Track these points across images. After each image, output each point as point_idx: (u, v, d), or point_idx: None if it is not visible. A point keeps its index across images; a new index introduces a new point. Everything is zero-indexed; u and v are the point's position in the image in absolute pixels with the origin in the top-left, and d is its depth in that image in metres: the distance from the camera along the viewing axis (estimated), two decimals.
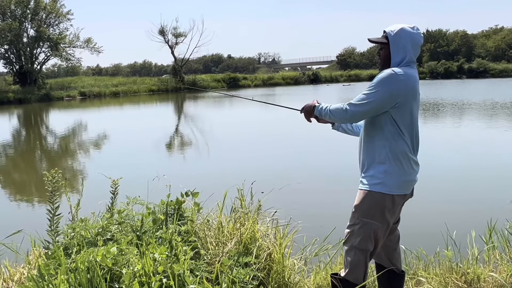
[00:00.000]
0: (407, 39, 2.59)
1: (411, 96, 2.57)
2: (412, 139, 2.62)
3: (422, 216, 5.89)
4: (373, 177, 2.60)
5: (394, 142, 2.56)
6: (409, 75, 2.55)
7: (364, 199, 2.62)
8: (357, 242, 2.64)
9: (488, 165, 9.51)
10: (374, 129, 2.63)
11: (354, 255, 2.65)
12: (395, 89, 2.50)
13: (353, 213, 2.70)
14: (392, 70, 2.53)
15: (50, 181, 2.96)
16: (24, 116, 29.72)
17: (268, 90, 47.80)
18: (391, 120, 2.56)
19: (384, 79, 2.52)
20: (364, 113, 2.59)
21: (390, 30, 2.63)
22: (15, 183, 10.26)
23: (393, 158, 2.56)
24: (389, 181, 2.56)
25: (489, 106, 22.46)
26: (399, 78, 2.50)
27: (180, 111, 30.07)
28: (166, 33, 54.00)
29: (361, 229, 2.63)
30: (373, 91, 2.54)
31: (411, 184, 2.67)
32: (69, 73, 61.72)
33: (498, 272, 3.39)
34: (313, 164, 10.27)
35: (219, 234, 3.18)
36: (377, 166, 2.59)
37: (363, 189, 2.65)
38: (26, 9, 43.68)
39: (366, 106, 2.55)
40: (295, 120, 17.68)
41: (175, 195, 3.26)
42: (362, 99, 2.56)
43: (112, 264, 2.37)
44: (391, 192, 2.57)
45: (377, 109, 2.55)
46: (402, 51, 2.58)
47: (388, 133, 2.57)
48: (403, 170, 2.57)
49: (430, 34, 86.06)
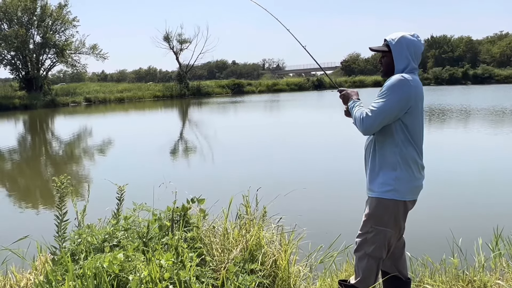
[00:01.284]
0: (409, 47, 2.61)
1: (420, 101, 2.61)
2: (419, 144, 2.64)
3: (428, 223, 5.86)
4: (384, 184, 2.59)
5: (405, 149, 2.57)
6: (417, 81, 2.59)
7: (377, 207, 2.62)
8: (370, 250, 2.64)
9: (494, 171, 9.46)
10: (384, 136, 2.62)
11: (367, 263, 2.65)
12: (407, 94, 2.52)
13: (365, 221, 2.68)
14: (401, 76, 2.55)
15: (59, 186, 2.98)
16: (30, 122, 29.91)
17: (273, 96, 47.87)
18: (402, 127, 2.57)
19: (395, 85, 2.53)
20: (379, 125, 2.56)
21: (391, 39, 2.65)
22: (21, 189, 10.31)
23: (404, 164, 2.57)
24: (401, 188, 2.57)
25: (495, 112, 22.38)
26: (409, 83, 2.53)
27: (185, 117, 30.16)
28: (171, 40, 54.33)
29: (375, 237, 2.63)
30: (386, 99, 2.53)
31: (420, 189, 2.69)
32: (75, 79, 62.10)
33: (505, 280, 3.37)
34: (319, 169, 10.25)
35: (224, 241, 3.19)
36: (388, 173, 2.59)
37: (374, 196, 2.64)
38: (33, 16, 44.03)
39: (381, 116, 2.53)
40: (300, 125, 17.72)
41: (181, 201, 3.27)
42: (376, 109, 2.54)
43: (118, 270, 2.39)
44: (404, 198, 2.58)
45: (392, 117, 2.54)
46: (404, 59, 2.60)
47: (399, 140, 2.58)
48: (413, 175, 2.59)
49: (434, 40, 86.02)
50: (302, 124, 21.05)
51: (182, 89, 51.44)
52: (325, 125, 19.85)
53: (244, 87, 57.08)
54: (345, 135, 10.00)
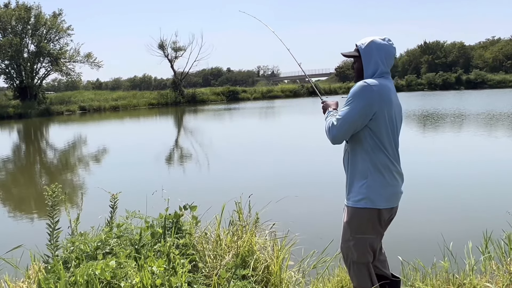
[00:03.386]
0: (379, 51, 2.58)
1: (387, 106, 2.53)
2: (393, 150, 2.59)
3: (419, 226, 5.91)
4: (357, 193, 2.58)
5: (374, 155, 2.53)
6: (383, 85, 2.54)
7: (353, 216, 2.62)
8: (355, 257, 2.67)
9: (484, 174, 9.55)
10: (354, 143, 2.61)
11: (357, 269, 2.70)
12: (369, 100, 2.47)
13: (344, 229, 2.71)
14: (364, 81, 2.52)
15: (50, 195, 3.00)
16: (24, 131, 29.80)
17: (268, 103, 47.98)
18: (370, 133, 2.53)
19: (357, 92, 2.51)
20: (344, 133, 2.54)
21: (360, 43, 2.63)
22: (14, 198, 10.27)
23: (375, 171, 2.53)
24: (373, 195, 2.53)
25: (486, 116, 22.56)
26: (372, 88, 2.48)
27: (179, 124, 30.17)
28: (166, 47, 54.43)
29: (356, 245, 2.65)
30: (350, 107, 2.50)
31: (396, 197, 2.65)
32: (69, 87, 61.97)
33: (495, 283, 3.40)
34: (312, 174, 10.29)
35: (217, 247, 3.21)
36: (360, 181, 2.57)
37: (349, 205, 2.64)
38: (27, 25, 44.04)
39: (344, 125, 2.51)
40: (294, 131, 17.77)
41: (173, 209, 3.29)
42: (341, 118, 2.52)
43: (111, 277, 2.41)
44: (377, 206, 2.55)
45: (357, 125, 2.51)
46: (373, 63, 2.57)
47: (368, 147, 2.54)
48: (386, 182, 2.55)
49: (427, 45, 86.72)
50: (296, 130, 21.13)
51: (177, 97, 51.47)
52: (319, 131, 19.89)
53: (239, 94, 57.18)
54: None
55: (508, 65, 74.19)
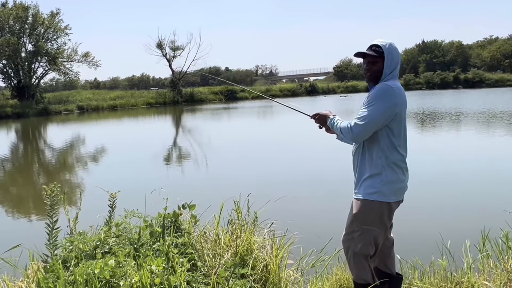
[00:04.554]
0: (398, 54, 2.77)
1: (404, 107, 2.73)
2: (404, 149, 2.77)
3: (418, 225, 5.94)
4: (370, 187, 2.72)
5: (389, 153, 2.70)
6: (399, 88, 2.72)
7: (363, 208, 2.74)
8: (358, 248, 2.76)
9: (482, 173, 9.57)
10: (371, 141, 2.74)
11: (358, 261, 2.78)
12: (393, 102, 2.65)
13: (351, 221, 2.81)
14: (386, 84, 2.67)
15: (49, 195, 3.00)
16: (22, 131, 29.74)
17: (266, 102, 47.97)
18: (387, 133, 2.69)
19: (382, 94, 2.65)
20: (368, 132, 2.67)
21: (382, 44, 2.71)
22: (13, 197, 10.26)
23: (388, 168, 2.70)
24: (386, 190, 2.69)
25: (483, 114, 22.61)
26: (394, 91, 2.65)
27: (178, 124, 30.16)
28: (164, 47, 54.39)
29: (361, 236, 2.75)
30: (374, 107, 2.63)
31: (404, 191, 2.82)
32: (67, 87, 61.84)
33: (492, 281, 3.42)
34: (310, 173, 10.30)
35: (215, 246, 3.21)
36: (374, 177, 2.72)
37: (360, 198, 2.76)
38: (25, 24, 43.94)
39: (370, 124, 2.64)
40: (291, 131, 17.78)
41: (172, 208, 3.30)
42: (364, 118, 2.64)
43: (110, 276, 2.41)
44: (389, 200, 2.71)
45: (380, 124, 2.66)
46: (394, 65, 2.73)
47: (384, 145, 2.70)
48: (397, 178, 2.72)
49: (426, 45, 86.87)
50: (294, 129, 21.14)
51: (175, 96, 51.43)
52: (317, 130, 19.90)
53: (237, 93, 57.15)
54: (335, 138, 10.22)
55: (506, 64, 74.35)
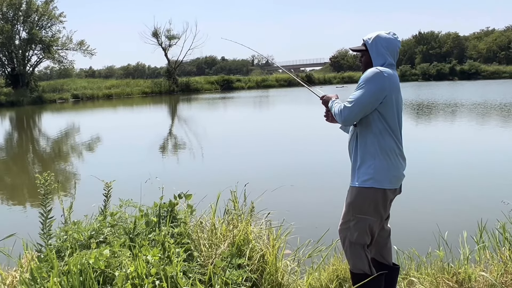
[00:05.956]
0: (384, 45, 2.76)
1: (395, 92, 2.71)
2: (397, 134, 2.75)
3: (415, 216, 5.94)
4: (364, 174, 2.70)
5: (382, 138, 2.68)
6: (391, 73, 2.71)
7: (357, 196, 2.72)
8: (354, 237, 2.75)
9: (479, 164, 9.60)
10: (363, 127, 2.74)
11: (354, 250, 2.77)
12: (381, 84, 2.64)
13: (346, 210, 2.79)
14: (376, 68, 2.69)
15: (43, 184, 2.95)
16: (17, 119, 29.52)
17: (262, 92, 47.86)
18: (379, 117, 2.68)
19: (370, 77, 2.67)
20: (356, 114, 2.67)
21: (367, 38, 2.81)
22: (7, 186, 10.18)
23: (382, 153, 2.67)
24: (379, 176, 2.66)
25: (479, 106, 22.65)
26: (383, 74, 2.66)
27: (173, 113, 30.02)
28: (160, 36, 53.90)
29: (357, 225, 2.74)
30: (363, 90, 2.66)
31: (400, 178, 2.78)
32: (62, 75, 61.31)
33: (489, 272, 3.42)
34: (307, 163, 10.29)
35: (212, 236, 3.18)
36: (367, 162, 2.70)
37: (354, 186, 2.75)
38: (18, 11, 43.38)
39: (357, 106, 2.65)
40: (288, 120, 17.80)
41: (168, 197, 3.26)
42: (354, 99, 2.67)
43: (104, 266, 2.38)
44: (382, 186, 2.67)
45: (369, 107, 2.65)
46: (381, 56, 2.76)
47: (377, 130, 2.69)
48: (392, 164, 2.69)
49: (422, 36, 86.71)
50: (290, 119, 21.10)
51: (171, 86, 51.16)
52: (313, 120, 19.91)
53: (233, 83, 56.97)
54: (333, 129, 10.30)
55: (501, 56, 74.47)
